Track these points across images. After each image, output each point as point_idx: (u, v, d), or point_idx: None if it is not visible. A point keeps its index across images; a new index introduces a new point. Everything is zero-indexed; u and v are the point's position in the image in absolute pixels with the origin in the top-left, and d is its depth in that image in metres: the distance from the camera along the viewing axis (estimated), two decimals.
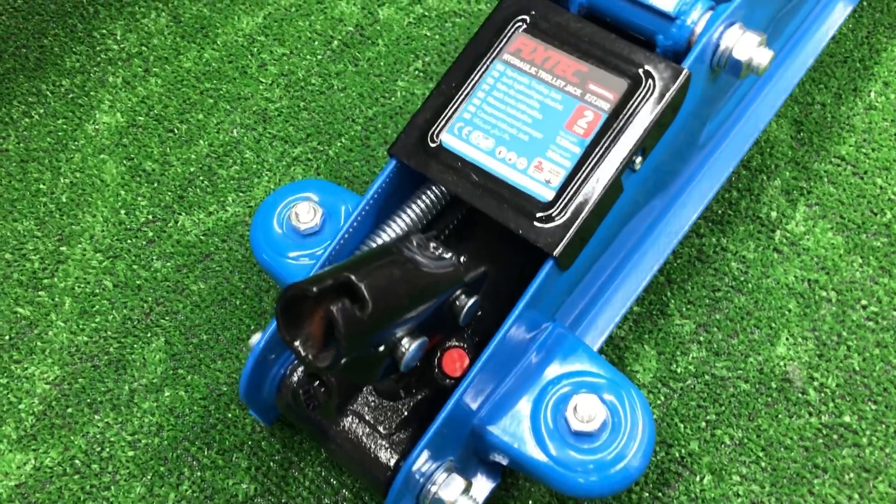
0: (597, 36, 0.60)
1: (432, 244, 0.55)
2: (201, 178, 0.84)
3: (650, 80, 0.58)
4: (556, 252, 0.55)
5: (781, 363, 0.71)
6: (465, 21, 0.92)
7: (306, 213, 0.67)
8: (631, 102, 0.58)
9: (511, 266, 0.60)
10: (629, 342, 0.73)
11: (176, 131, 0.87)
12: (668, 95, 0.58)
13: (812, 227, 0.76)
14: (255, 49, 0.92)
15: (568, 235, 0.56)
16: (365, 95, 0.88)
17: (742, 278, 0.75)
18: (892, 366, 0.70)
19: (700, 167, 0.76)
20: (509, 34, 0.62)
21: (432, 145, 0.60)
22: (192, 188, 0.83)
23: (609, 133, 0.58)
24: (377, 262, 0.49)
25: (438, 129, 0.60)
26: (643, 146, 0.58)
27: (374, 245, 0.61)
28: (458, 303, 0.55)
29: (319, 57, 0.91)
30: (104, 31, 0.94)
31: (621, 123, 0.58)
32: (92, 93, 0.90)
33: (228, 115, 0.88)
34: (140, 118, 0.88)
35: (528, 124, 0.59)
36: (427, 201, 0.62)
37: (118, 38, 0.94)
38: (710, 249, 0.76)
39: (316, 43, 0.92)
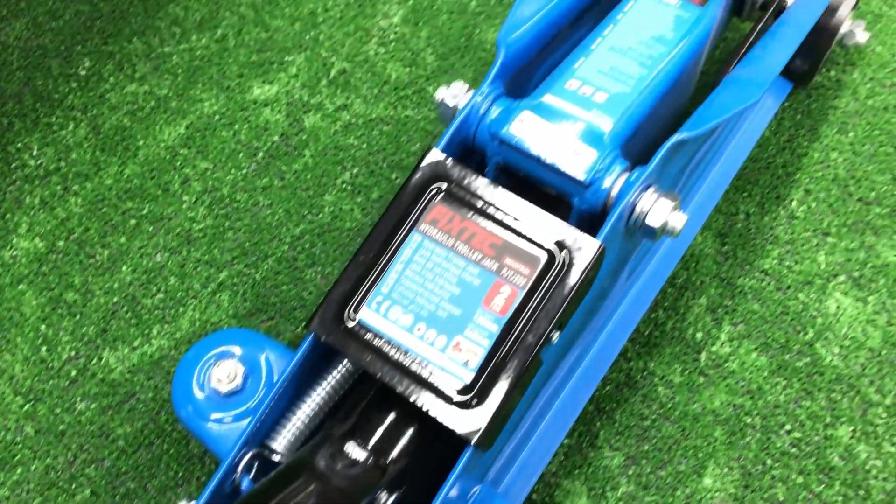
0: (512, 206, 0.60)
1: (346, 446, 0.54)
2: (125, 308, 0.82)
3: (565, 253, 0.58)
4: (475, 441, 0.55)
5: (708, 496, 0.72)
6: (391, 129, 0.91)
7: (226, 374, 0.66)
8: (547, 277, 0.58)
9: (434, 439, 0.60)
10: (560, 478, 0.73)
11: (98, 257, 0.85)
12: (583, 270, 0.58)
13: (737, 348, 0.77)
14: (178, 163, 0.90)
15: (487, 422, 0.55)
16: (292, 212, 0.87)
17: (669, 405, 0.75)
18: (814, 494, 0.71)
19: (625, 293, 0.76)
20: (426, 202, 0.61)
21: (350, 323, 0.59)
22: (115, 320, 0.82)
23: (526, 310, 0.57)
24: (286, 492, 0.48)
25: (356, 303, 0.60)
26: (561, 321, 0.58)
27: (294, 416, 0.60)
28: (379, 501, 0.55)
29: (244, 171, 0.89)
30: (20, 144, 0.91)
31: (538, 299, 0.57)
32: (8, 215, 0.87)
33: (151, 238, 0.86)
34: (60, 243, 0.86)
35: (446, 300, 0.59)
36: (348, 368, 0.62)
37: (34, 152, 0.91)
38: (638, 374, 0.77)
39: (241, 155, 0.90)
